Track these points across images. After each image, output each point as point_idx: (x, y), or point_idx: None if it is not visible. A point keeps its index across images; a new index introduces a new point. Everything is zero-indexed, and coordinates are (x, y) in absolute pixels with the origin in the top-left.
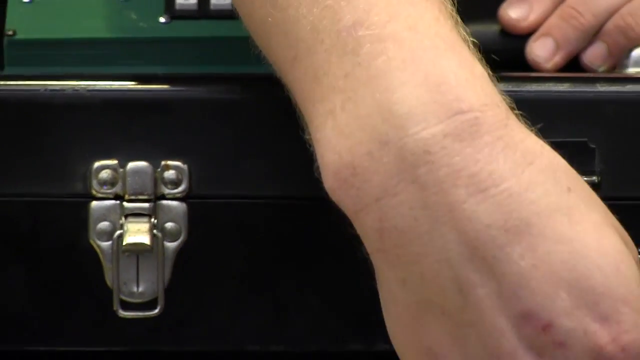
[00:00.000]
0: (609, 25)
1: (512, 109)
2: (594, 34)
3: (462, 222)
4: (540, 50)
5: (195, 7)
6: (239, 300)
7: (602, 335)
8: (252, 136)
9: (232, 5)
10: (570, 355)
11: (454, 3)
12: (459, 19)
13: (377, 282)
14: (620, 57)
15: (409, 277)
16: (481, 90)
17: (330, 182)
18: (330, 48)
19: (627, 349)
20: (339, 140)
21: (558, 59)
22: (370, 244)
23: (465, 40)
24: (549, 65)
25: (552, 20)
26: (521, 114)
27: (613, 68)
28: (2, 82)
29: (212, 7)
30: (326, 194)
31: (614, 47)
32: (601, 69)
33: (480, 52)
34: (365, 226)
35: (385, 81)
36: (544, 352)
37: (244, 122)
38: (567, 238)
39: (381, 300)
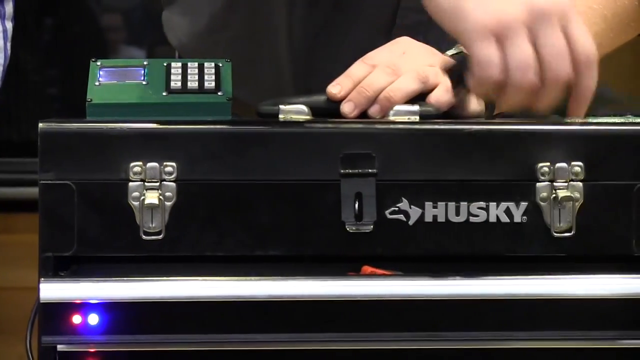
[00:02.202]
0: (380, 96)
1: None
2: (374, 100)
3: None
4: (346, 109)
5: (179, 87)
6: (204, 230)
7: None
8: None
9: None
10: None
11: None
12: None
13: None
14: (387, 112)
15: None
16: None
17: None
18: None
19: None
20: None
21: (355, 113)
22: None
23: None
24: (352, 116)
25: (352, 94)
26: None
27: (383, 117)
28: (87, 125)
29: (188, 87)
30: None
31: (384, 107)
32: (378, 117)
33: None
34: None
35: None
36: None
37: (208, 146)
38: None
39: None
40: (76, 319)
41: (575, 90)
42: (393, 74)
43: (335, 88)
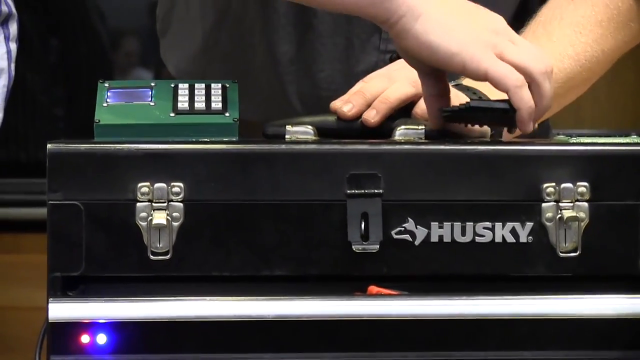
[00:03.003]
0: (376, 100)
1: None
2: (371, 103)
3: None
4: (345, 108)
5: (187, 108)
6: (210, 250)
7: None
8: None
9: None
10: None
11: None
12: None
13: (415, 28)
14: (383, 116)
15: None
16: None
17: None
18: None
19: None
20: None
21: (354, 112)
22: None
23: None
24: (349, 114)
25: (351, 96)
26: None
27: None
28: (95, 145)
29: (195, 108)
30: None
31: (380, 110)
32: (373, 121)
33: None
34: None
35: None
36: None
37: (216, 166)
38: None
39: (423, 34)
40: (84, 338)
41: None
42: (388, 81)
43: (347, 106)
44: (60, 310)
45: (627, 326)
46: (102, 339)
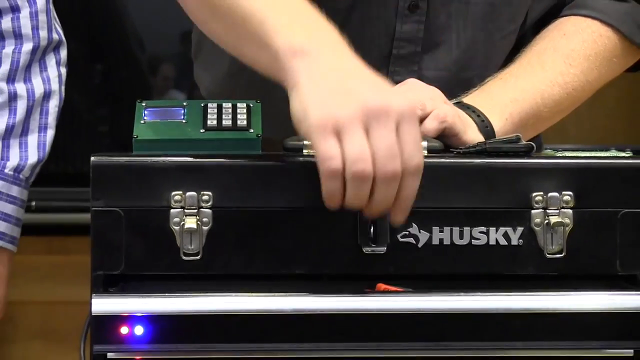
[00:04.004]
0: None
1: None
2: None
3: None
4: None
5: (215, 125)
6: (236, 251)
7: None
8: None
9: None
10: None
11: None
12: None
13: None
14: None
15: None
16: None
17: None
18: None
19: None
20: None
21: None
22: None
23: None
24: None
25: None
26: None
27: None
28: (133, 158)
29: (223, 125)
30: None
31: None
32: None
33: None
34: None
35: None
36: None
37: (241, 177)
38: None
39: (296, 102)
40: (124, 330)
41: (397, 194)
42: None
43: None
44: (102, 304)
45: (608, 319)
46: (139, 330)
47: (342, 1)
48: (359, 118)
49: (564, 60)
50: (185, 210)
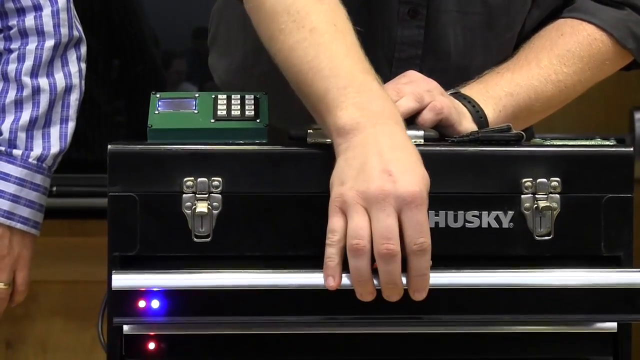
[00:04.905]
0: None
1: None
2: None
3: None
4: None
5: (225, 115)
6: (244, 234)
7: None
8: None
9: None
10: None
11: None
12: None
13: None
14: None
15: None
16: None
17: None
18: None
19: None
20: None
21: None
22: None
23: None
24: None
25: None
26: None
27: None
28: (148, 146)
29: (232, 115)
30: None
31: None
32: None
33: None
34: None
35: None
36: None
37: (249, 164)
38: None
39: (332, 174)
40: (141, 303)
41: (408, 274)
42: (397, 94)
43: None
44: (122, 280)
45: (591, 295)
46: (155, 304)
47: (346, 4)
48: (360, 202)
49: (559, 59)
50: (197, 195)
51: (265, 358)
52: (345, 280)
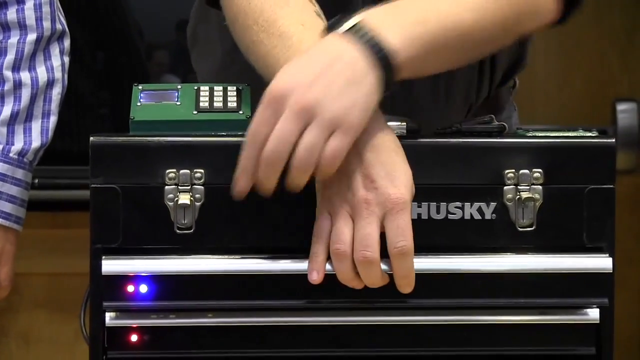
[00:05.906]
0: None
1: None
2: None
3: None
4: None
5: (207, 107)
6: (226, 225)
7: None
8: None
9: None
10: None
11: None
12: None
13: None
14: None
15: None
16: None
17: None
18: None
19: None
20: None
21: None
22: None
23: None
24: None
25: None
26: None
27: None
28: (130, 138)
29: (214, 106)
30: None
31: None
32: None
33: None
34: None
35: None
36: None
37: (231, 156)
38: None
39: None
40: (130, 288)
41: (393, 274)
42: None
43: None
44: (112, 265)
45: (573, 279)
46: (143, 288)
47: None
48: (345, 207)
49: None
50: (179, 187)
51: (249, 350)
52: (329, 265)
